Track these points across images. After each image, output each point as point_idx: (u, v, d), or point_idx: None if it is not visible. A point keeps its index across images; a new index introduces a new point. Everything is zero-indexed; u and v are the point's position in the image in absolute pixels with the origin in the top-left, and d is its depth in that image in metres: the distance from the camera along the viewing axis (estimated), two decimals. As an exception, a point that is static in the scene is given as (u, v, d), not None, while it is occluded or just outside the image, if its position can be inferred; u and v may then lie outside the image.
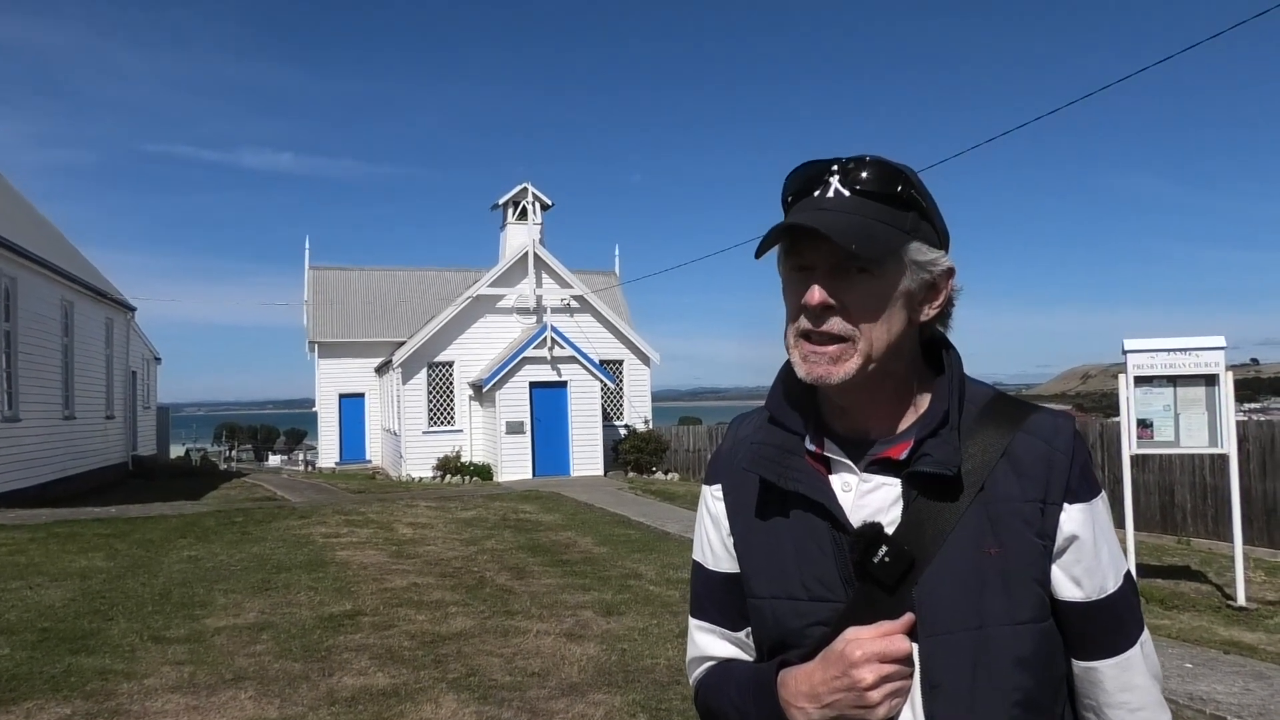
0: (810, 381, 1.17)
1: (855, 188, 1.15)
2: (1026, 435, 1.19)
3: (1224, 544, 10.49)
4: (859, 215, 1.13)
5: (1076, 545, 1.17)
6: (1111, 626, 1.19)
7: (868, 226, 1.12)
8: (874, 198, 1.14)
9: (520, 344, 22.69)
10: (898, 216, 1.15)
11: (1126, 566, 1.22)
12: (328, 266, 32.24)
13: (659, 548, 10.77)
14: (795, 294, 1.18)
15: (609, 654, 6.23)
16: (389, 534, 11.79)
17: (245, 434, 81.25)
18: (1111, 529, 1.22)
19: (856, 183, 1.15)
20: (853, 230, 1.11)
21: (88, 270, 21.46)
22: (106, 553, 10.20)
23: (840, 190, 1.15)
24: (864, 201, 1.14)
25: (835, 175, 1.16)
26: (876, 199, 1.14)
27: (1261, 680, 5.58)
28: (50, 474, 16.92)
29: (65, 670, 5.85)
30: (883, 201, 1.14)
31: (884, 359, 1.16)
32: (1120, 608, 1.19)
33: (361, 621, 7.15)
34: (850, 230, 1.10)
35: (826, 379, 1.15)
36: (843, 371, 1.15)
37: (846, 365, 1.15)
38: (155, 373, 31.54)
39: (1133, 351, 7.86)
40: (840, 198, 1.15)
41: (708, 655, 1.35)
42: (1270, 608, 7.76)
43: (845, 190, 1.15)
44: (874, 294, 1.14)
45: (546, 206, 25.39)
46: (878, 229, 1.13)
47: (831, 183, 1.16)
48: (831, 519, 1.18)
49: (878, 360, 1.16)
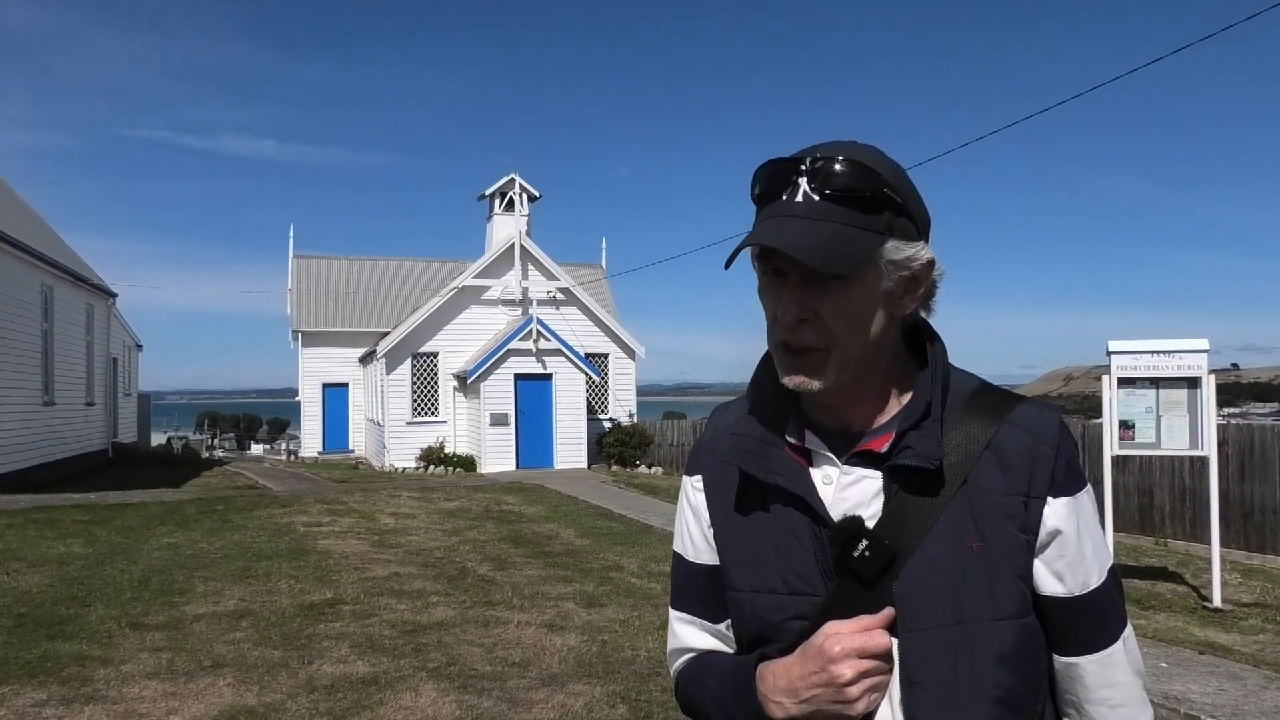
0: (791, 388, 1.16)
1: (825, 192, 1.10)
2: (1011, 427, 1.17)
3: (1201, 546, 10.58)
4: (829, 222, 1.09)
5: (1060, 540, 1.15)
6: (1094, 623, 1.17)
7: (838, 235, 1.08)
8: (844, 202, 1.10)
9: (505, 336, 22.65)
10: (870, 220, 1.11)
11: (1111, 562, 1.20)
12: (312, 255, 32.06)
13: (641, 541, 10.78)
14: (770, 300, 1.16)
15: (590, 645, 6.24)
16: (371, 523, 11.75)
17: (227, 422, 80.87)
18: (1097, 524, 1.20)
19: (826, 186, 1.10)
20: (822, 244, 1.07)
21: (68, 255, 21.26)
22: (85, 539, 10.13)
23: (809, 194, 1.10)
24: (834, 207, 1.10)
25: (804, 175, 1.11)
26: (847, 203, 1.10)
27: (1236, 681, 5.63)
28: (29, 460, 16.77)
29: (42, 656, 5.81)
30: (854, 206, 1.10)
31: (863, 358, 1.15)
32: (1103, 604, 1.17)
33: (342, 610, 7.13)
34: (820, 245, 1.07)
35: (808, 388, 1.15)
36: (821, 380, 1.14)
37: (825, 373, 1.13)
38: (136, 360, 31.31)
39: (1117, 353, 7.91)
40: (809, 203, 1.10)
41: (688, 647, 1.34)
42: (1245, 610, 7.83)
43: (815, 195, 1.10)
44: (850, 300, 1.12)
45: (534, 198, 25.33)
46: (849, 237, 1.09)
47: (800, 185, 1.11)
48: (811, 512, 1.17)
49: (856, 364, 1.15)
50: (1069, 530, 1.15)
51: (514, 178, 24.85)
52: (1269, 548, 10.90)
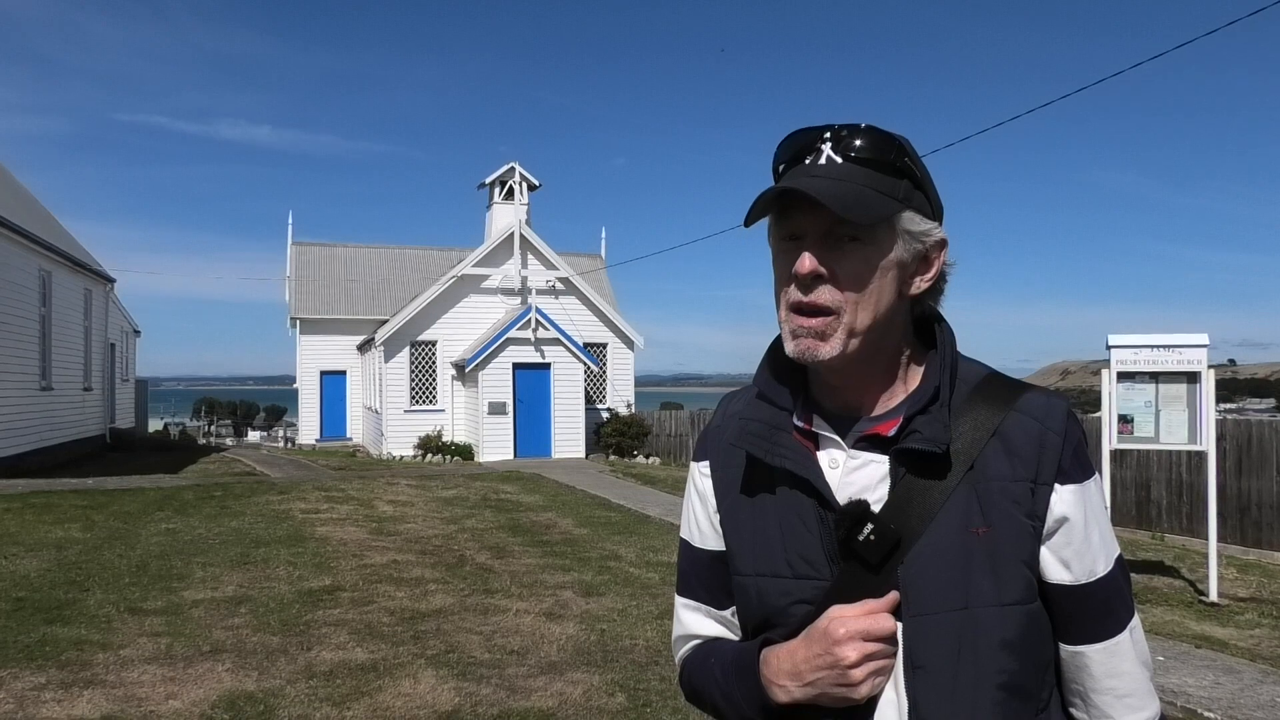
0: (798, 359, 1.15)
1: (849, 155, 1.13)
2: (1019, 414, 1.16)
3: (1198, 540, 10.61)
4: (851, 182, 1.11)
5: (1067, 527, 1.15)
6: (1101, 611, 1.17)
7: (860, 193, 1.10)
8: (867, 164, 1.13)
9: (504, 325, 22.62)
10: (891, 184, 1.13)
11: (1118, 551, 1.20)
12: (311, 243, 31.97)
13: (639, 530, 10.80)
14: (785, 264, 1.16)
15: (588, 634, 6.25)
16: (369, 511, 11.76)
17: (225, 409, 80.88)
18: (1104, 512, 1.19)
19: (850, 150, 1.13)
20: (845, 196, 1.09)
21: (66, 240, 21.21)
22: (83, 524, 10.14)
23: (833, 157, 1.13)
24: (856, 168, 1.12)
25: (828, 142, 1.14)
26: (870, 166, 1.13)
27: (1232, 674, 5.65)
28: (27, 445, 16.77)
29: (40, 640, 5.82)
30: (876, 169, 1.13)
31: (872, 333, 1.14)
32: (1109, 592, 1.17)
33: (340, 597, 7.14)
34: (842, 196, 1.09)
35: (814, 355, 1.14)
36: (830, 348, 1.13)
37: (833, 341, 1.13)
38: (134, 345, 31.26)
39: (1117, 347, 7.92)
40: (833, 164, 1.13)
41: (693, 633, 1.35)
42: (1241, 604, 7.85)
43: (838, 157, 1.13)
44: (865, 262, 1.13)
45: (534, 187, 25.26)
46: (870, 195, 1.11)
47: (824, 150, 1.14)
48: (818, 496, 1.17)
49: (865, 334, 1.14)
50: (1076, 517, 1.14)
51: (514, 166, 24.78)
52: (1265, 542, 10.94)
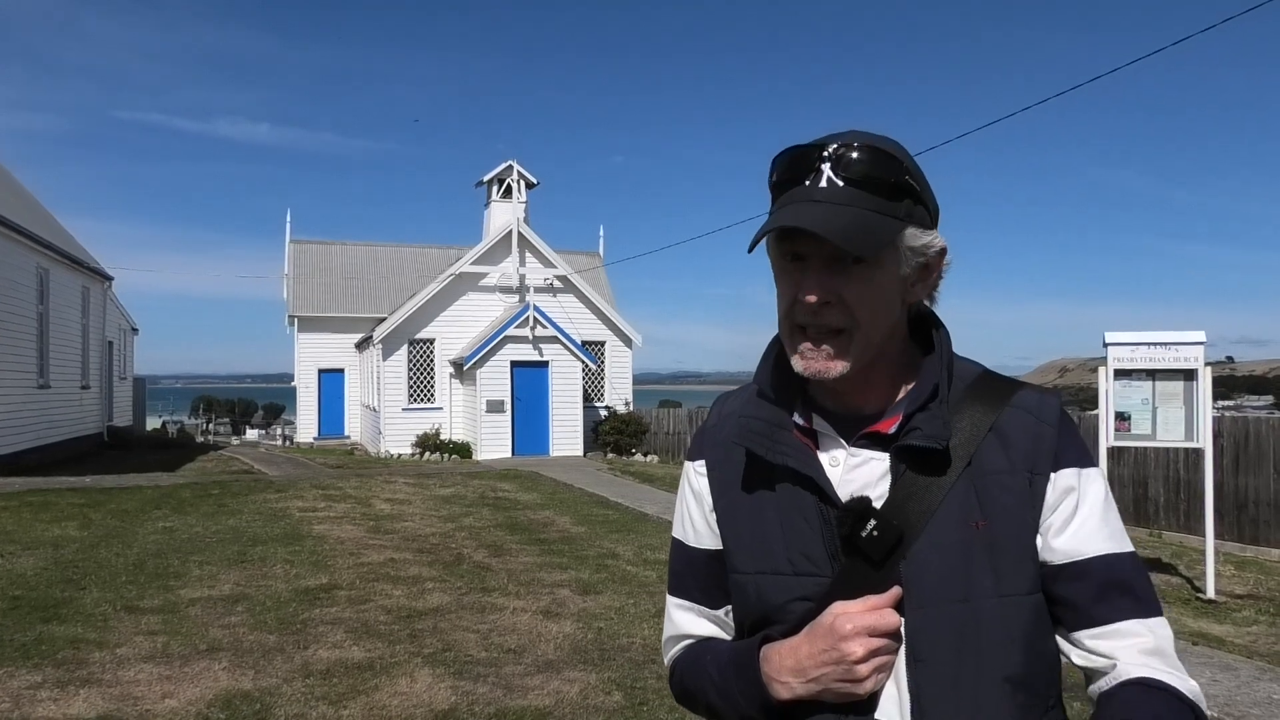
0: (807, 376, 1.17)
1: (850, 177, 1.12)
2: (1014, 410, 1.19)
3: (1195, 538, 10.61)
4: (854, 207, 1.11)
5: (1063, 509, 1.15)
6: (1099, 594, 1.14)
7: (863, 220, 1.10)
8: (868, 187, 1.12)
9: (502, 323, 22.61)
10: (892, 206, 1.13)
11: (1130, 547, 1.18)
12: (309, 240, 31.93)
13: (637, 529, 10.79)
14: (789, 284, 1.17)
15: (585, 632, 6.24)
16: (366, 509, 11.75)
17: (222, 407, 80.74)
18: (1106, 503, 1.18)
19: (850, 172, 1.12)
20: (848, 228, 1.09)
21: (64, 238, 21.17)
22: (80, 522, 10.13)
23: (833, 179, 1.13)
24: (858, 192, 1.12)
25: (827, 162, 1.13)
26: (871, 188, 1.12)
27: (1229, 671, 5.66)
28: (24, 443, 16.73)
29: (36, 638, 5.81)
30: (877, 191, 1.12)
31: (880, 345, 1.17)
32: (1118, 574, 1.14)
33: (337, 595, 7.13)
34: (845, 228, 1.09)
35: (825, 375, 1.15)
36: (840, 367, 1.15)
37: (844, 360, 1.15)
38: (132, 343, 31.23)
39: (1114, 344, 7.92)
40: (834, 188, 1.12)
41: (686, 633, 1.35)
42: (1239, 601, 7.86)
43: (838, 180, 1.12)
44: (871, 284, 1.14)
45: (531, 185, 25.22)
46: (873, 221, 1.11)
47: (824, 171, 1.13)
48: (819, 493, 1.17)
49: (874, 349, 1.16)
50: (1069, 501, 1.16)
51: (512, 164, 24.74)
52: (1262, 539, 10.94)
